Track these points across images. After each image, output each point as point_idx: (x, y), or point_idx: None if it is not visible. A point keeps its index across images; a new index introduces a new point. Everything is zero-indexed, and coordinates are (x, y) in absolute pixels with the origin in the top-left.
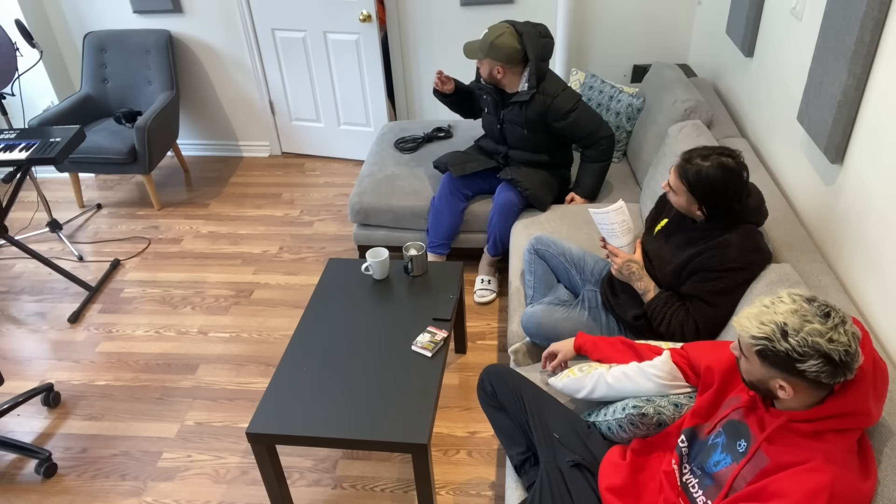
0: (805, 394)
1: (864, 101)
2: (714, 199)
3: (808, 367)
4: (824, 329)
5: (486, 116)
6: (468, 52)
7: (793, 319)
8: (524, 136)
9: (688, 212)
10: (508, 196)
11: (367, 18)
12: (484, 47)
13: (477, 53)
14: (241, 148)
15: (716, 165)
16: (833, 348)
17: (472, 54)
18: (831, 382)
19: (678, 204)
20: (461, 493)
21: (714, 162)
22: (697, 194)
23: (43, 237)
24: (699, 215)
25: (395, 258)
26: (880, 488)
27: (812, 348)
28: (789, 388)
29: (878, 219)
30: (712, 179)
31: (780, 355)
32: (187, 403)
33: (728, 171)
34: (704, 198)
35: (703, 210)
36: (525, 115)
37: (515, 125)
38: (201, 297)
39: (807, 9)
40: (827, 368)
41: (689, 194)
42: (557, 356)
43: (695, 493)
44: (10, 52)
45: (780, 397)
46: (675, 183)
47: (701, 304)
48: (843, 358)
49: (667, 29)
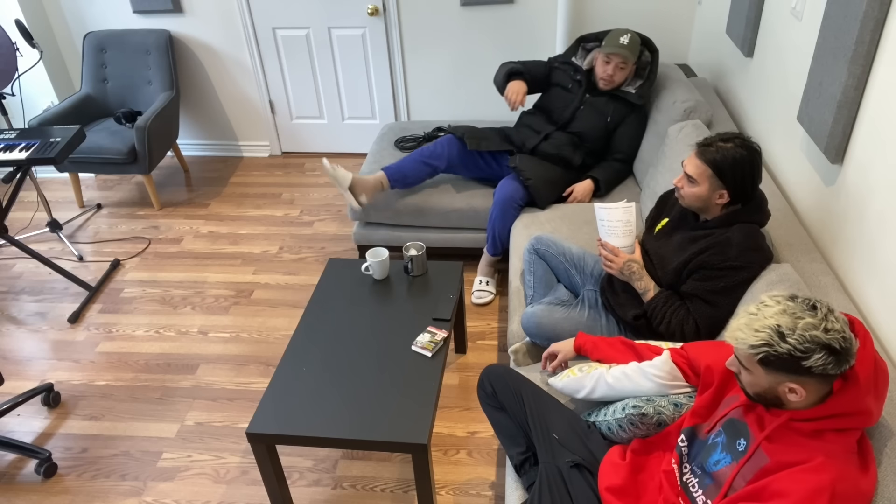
0: (813, 392)
1: (864, 101)
2: (742, 179)
3: (813, 362)
4: (816, 321)
5: (559, 93)
6: (622, 49)
7: (784, 319)
8: (602, 124)
9: (706, 202)
10: (509, 191)
11: (374, 12)
12: (635, 49)
13: (629, 56)
14: (241, 148)
15: (739, 146)
16: (831, 337)
17: (621, 50)
18: (839, 372)
19: (697, 195)
20: (461, 493)
21: (736, 143)
22: (726, 176)
23: (43, 237)
24: (719, 203)
25: (395, 258)
26: (880, 488)
27: (812, 342)
28: (800, 389)
29: (879, 219)
30: (739, 159)
31: (783, 358)
32: (187, 403)
33: (752, 151)
34: (733, 178)
35: (728, 194)
36: (612, 107)
37: (598, 111)
38: (201, 297)
39: (807, 9)
40: (832, 359)
41: (716, 178)
42: (557, 356)
43: (695, 492)
44: (10, 52)
45: (791, 401)
46: (696, 169)
47: (701, 303)
48: (843, 344)
49: (667, 29)
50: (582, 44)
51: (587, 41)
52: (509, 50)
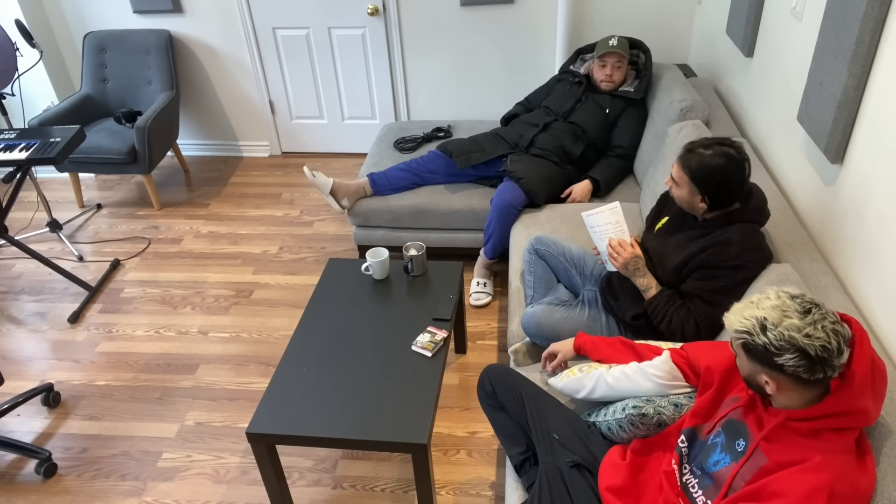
0: (792, 391)
1: (864, 101)
2: (716, 188)
3: (784, 360)
4: (802, 324)
5: (561, 89)
6: (613, 48)
7: (773, 314)
8: (601, 116)
9: (690, 205)
10: (507, 198)
11: (374, 12)
12: (625, 47)
13: (622, 53)
14: (241, 148)
15: (717, 154)
16: (808, 343)
17: (612, 50)
18: (810, 378)
19: (681, 197)
20: (461, 493)
21: (716, 151)
22: (700, 183)
23: (43, 237)
24: (702, 207)
25: (395, 258)
26: (879, 488)
27: (788, 342)
28: (773, 384)
29: (879, 219)
30: (714, 167)
31: (758, 349)
32: (187, 403)
33: (729, 159)
34: (707, 186)
35: (706, 201)
36: (611, 102)
37: (598, 104)
38: (201, 297)
39: (807, 9)
40: (803, 363)
41: (692, 184)
42: (557, 356)
43: (694, 493)
44: (10, 52)
45: (768, 393)
46: (677, 174)
47: (701, 302)
48: (820, 353)
49: (667, 29)
50: (580, 55)
51: (585, 52)
52: (509, 50)
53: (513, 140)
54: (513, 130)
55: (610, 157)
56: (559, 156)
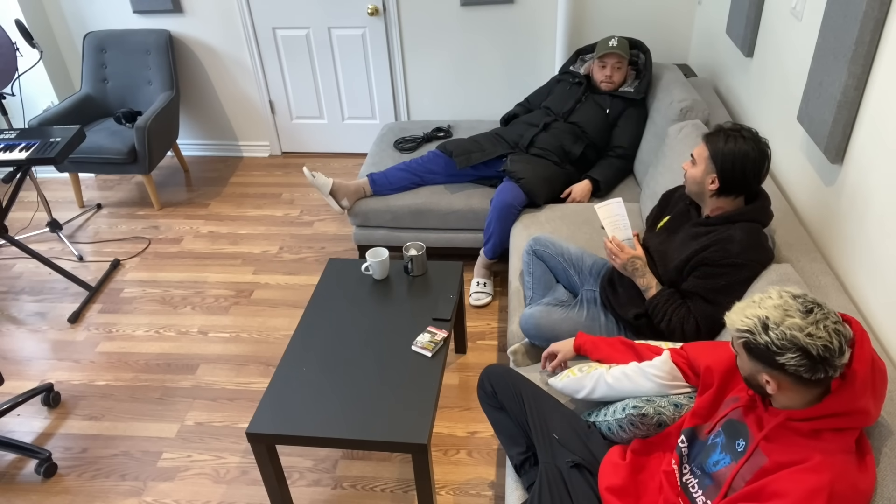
0: (792, 390)
1: (864, 101)
2: (731, 171)
3: (786, 360)
4: (804, 324)
5: (560, 90)
6: (613, 49)
7: (775, 314)
8: (601, 116)
9: (700, 186)
10: (507, 199)
11: (374, 12)
12: (625, 48)
13: (621, 54)
14: (241, 148)
15: (746, 138)
16: (811, 343)
17: (612, 50)
18: (811, 378)
19: (693, 177)
20: (461, 493)
21: (746, 135)
22: (718, 160)
23: (43, 237)
24: (711, 189)
25: (395, 258)
26: (879, 488)
27: (790, 342)
28: (774, 383)
29: (879, 219)
30: (737, 150)
31: (760, 348)
32: (187, 403)
33: (755, 148)
34: (723, 166)
35: (717, 182)
36: (611, 101)
37: (597, 104)
38: (201, 297)
39: (807, 9)
40: (805, 363)
41: (710, 161)
42: (557, 356)
43: (694, 493)
44: (10, 52)
45: (769, 392)
46: (699, 151)
47: (701, 301)
48: (822, 353)
49: (667, 29)
50: (580, 56)
51: (585, 52)
52: (509, 50)
53: (513, 140)
54: (513, 130)
55: (610, 158)
56: (559, 156)
